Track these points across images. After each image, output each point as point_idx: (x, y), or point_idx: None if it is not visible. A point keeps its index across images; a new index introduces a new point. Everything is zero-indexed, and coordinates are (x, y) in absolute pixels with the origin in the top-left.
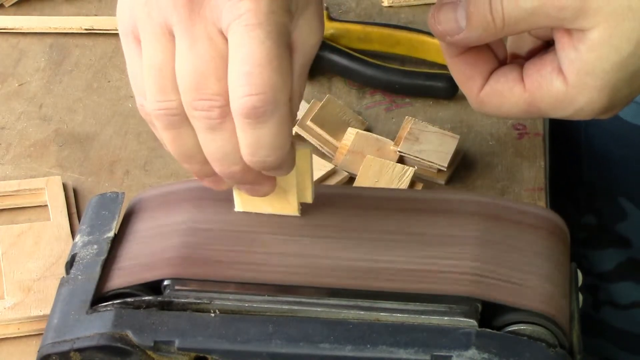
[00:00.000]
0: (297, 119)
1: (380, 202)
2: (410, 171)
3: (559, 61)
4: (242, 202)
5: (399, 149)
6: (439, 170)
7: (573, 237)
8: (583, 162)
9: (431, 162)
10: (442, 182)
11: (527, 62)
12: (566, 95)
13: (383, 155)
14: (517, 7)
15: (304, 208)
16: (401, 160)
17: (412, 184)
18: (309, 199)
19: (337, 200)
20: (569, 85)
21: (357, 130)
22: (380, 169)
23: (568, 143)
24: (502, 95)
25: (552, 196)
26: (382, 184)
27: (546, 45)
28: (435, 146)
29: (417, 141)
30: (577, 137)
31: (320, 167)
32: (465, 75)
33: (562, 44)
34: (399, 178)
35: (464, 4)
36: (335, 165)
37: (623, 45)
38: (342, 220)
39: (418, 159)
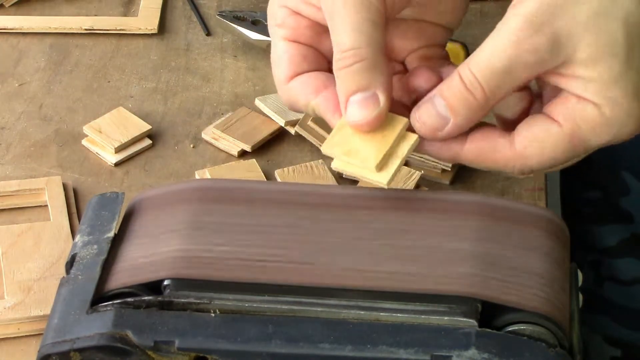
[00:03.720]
0: (298, 118)
1: (380, 202)
2: (416, 175)
3: (576, 94)
4: (339, 157)
5: None
6: (443, 170)
7: (578, 212)
8: None
9: (435, 162)
10: (447, 182)
11: (546, 106)
12: (602, 117)
13: None
14: (491, 71)
15: (304, 207)
16: (405, 161)
17: (417, 185)
18: (384, 180)
19: (338, 199)
20: (600, 105)
21: None
22: None
23: None
24: (540, 139)
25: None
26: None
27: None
28: None
29: None
30: None
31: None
32: (489, 148)
33: (564, 83)
34: (404, 181)
35: (437, 95)
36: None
37: (615, 44)
38: (343, 220)
39: (422, 159)
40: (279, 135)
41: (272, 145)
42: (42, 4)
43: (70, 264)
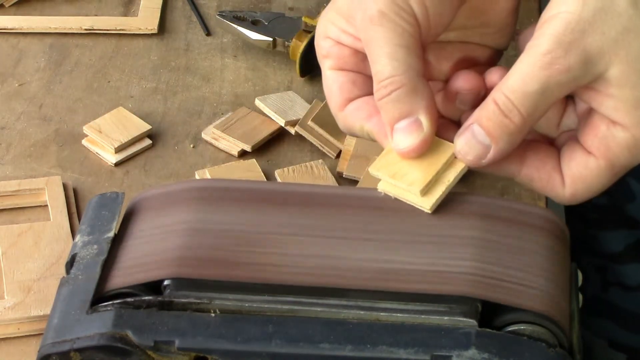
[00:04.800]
0: (298, 118)
1: (380, 202)
2: None
3: (605, 115)
4: (386, 179)
5: None
6: None
7: (584, 218)
8: None
9: None
10: None
11: (579, 134)
12: (634, 139)
13: None
14: (526, 95)
15: (304, 208)
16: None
17: None
18: (427, 205)
19: (338, 200)
20: (630, 127)
21: None
22: None
23: None
24: (583, 177)
25: None
26: None
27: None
28: None
29: None
30: None
31: None
32: (544, 181)
33: (595, 100)
34: None
35: (475, 123)
36: (342, 171)
37: None
38: (342, 221)
39: None
40: (279, 135)
41: (272, 145)
42: (42, 4)
43: (70, 264)
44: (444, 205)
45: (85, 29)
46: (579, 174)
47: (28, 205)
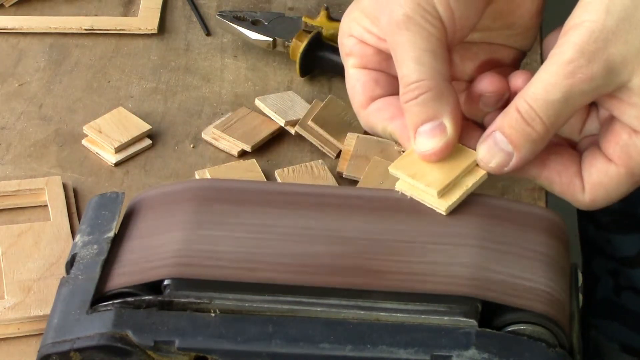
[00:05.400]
0: (298, 118)
1: (380, 202)
2: None
3: (627, 124)
4: (404, 178)
5: (403, 150)
6: None
7: (597, 221)
8: None
9: None
10: None
11: (601, 141)
12: None
13: (387, 156)
14: (549, 103)
15: (304, 207)
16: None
17: None
18: (443, 207)
19: (338, 200)
20: None
21: (357, 134)
22: (386, 171)
23: None
24: (603, 184)
25: None
26: (388, 185)
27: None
28: None
29: None
30: None
31: None
32: (564, 185)
33: (617, 108)
34: None
35: (498, 130)
36: (342, 171)
37: None
38: (342, 221)
39: None
40: (279, 135)
41: (272, 145)
42: (42, 4)
43: (70, 264)
44: None
45: (85, 29)
46: (599, 180)
47: (28, 205)
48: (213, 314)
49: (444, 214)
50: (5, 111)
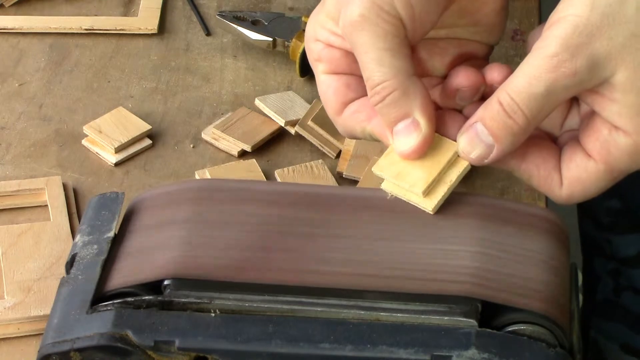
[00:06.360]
0: (298, 118)
1: (380, 202)
2: None
3: (608, 120)
4: (389, 179)
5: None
6: None
7: (598, 221)
8: None
9: None
10: None
11: (581, 136)
12: (635, 145)
13: None
14: (531, 96)
15: (304, 208)
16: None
17: None
18: (429, 206)
19: (338, 200)
20: (632, 134)
21: None
22: None
23: None
24: (582, 180)
25: None
26: None
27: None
28: None
29: None
30: None
31: None
32: (542, 179)
33: (598, 104)
34: None
35: (479, 122)
36: (342, 171)
37: None
38: (342, 221)
39: None
40: (279, 135)
41: (272, 145)
42: (42, 4)
43: (70, 264)
44: (444, 205)
45: (85, 29)
46: (577, 176)
47: (28, 205)
48: (213, 314)
49: (431, 212)
50: (5, 111)
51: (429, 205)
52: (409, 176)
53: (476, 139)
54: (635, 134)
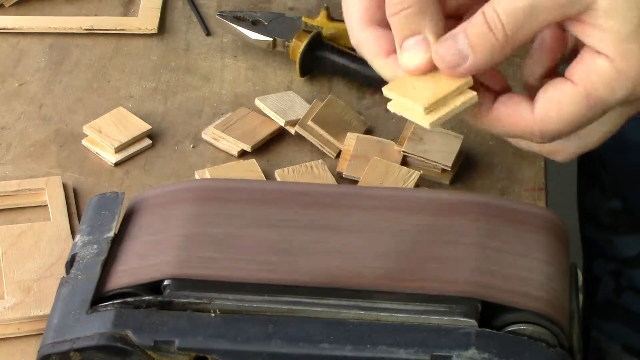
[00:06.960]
0: (298, 118)
1: (380, 201)
2: (415, 175)
3: (591, 46)
4: (396, 97)
5: (403, 149)
6: (443, 170)
7: (598, 221)
8: (608, 146)
9: (435, 162)
10: (447, 182)
11: (569, 67)
12: (616, 70)
13: (387, 156)
14: (514, 11)
15: (304, 207)
16: (405, 160)
17: (416, 185)
18: (427, 121)
19: (338, 199)
20: (613, 58)
21: (357, 134)
22: (385, 171)
23: None
24: (557, 99)
25: (579, 180)
26: (388, 185)
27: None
28: (439, 146)
29: (421, 141)
30: None
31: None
32: (510, 108)
33: (582, 32)
34: (404, 181)
35: (462, 32)
36: (342, 171)
37: None
38: (342, 220)
39: (422, 159)
40: (279, 135)
41: (272, 145)
42: (42, 4)
43: (70, 264)
44: (444, 205)
45: (85, 29)
46: (552, 97)
47: (28, 205)
48: (213, 314)
49: (428, 128)
50: (5, 111)
51: (427, 121)
52: (414, 94)
53: (453, 46)
54: (616, 60)
